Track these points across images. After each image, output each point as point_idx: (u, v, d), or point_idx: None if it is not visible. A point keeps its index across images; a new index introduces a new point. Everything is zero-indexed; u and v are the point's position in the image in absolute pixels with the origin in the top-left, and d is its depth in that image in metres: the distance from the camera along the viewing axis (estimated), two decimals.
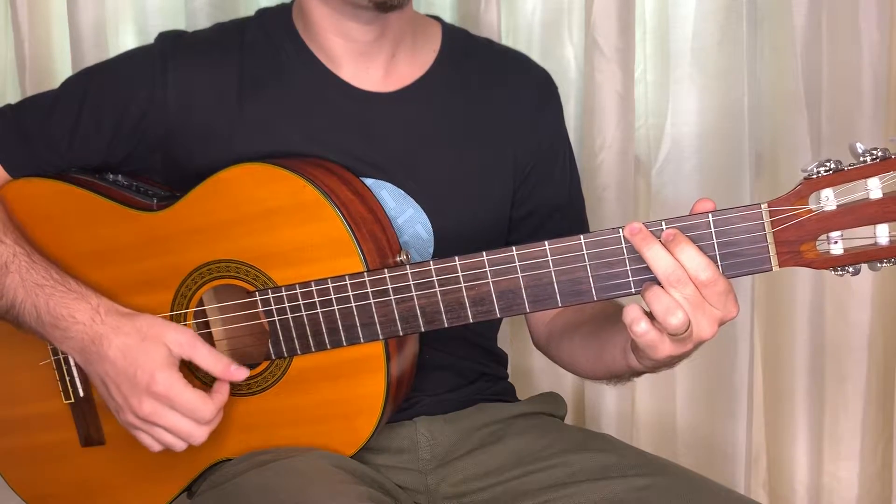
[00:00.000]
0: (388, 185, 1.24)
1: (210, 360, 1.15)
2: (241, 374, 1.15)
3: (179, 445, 1.15)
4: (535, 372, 1.82)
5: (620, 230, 1.03)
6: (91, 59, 1.61)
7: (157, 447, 1.16)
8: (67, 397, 1.26)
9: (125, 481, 1.27)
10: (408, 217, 1.25)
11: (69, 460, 1.29)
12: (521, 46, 1.75)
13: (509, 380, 1.42)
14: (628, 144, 1.73)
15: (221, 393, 1.15)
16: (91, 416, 1.26)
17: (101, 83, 1.27)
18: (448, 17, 1.42)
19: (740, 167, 1.73)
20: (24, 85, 1.73)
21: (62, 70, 1.74)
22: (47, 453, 1.30)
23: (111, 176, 1.27)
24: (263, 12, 1.32)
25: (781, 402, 1.83)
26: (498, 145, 1.31)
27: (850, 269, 1.00)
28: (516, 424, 1.31)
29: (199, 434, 1.14)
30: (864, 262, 1.00)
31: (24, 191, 1.26)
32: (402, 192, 1.25)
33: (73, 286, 1.18)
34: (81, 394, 1.25)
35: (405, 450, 1.27)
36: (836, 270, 1.01)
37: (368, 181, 1.23)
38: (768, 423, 1.87)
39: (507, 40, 1.75)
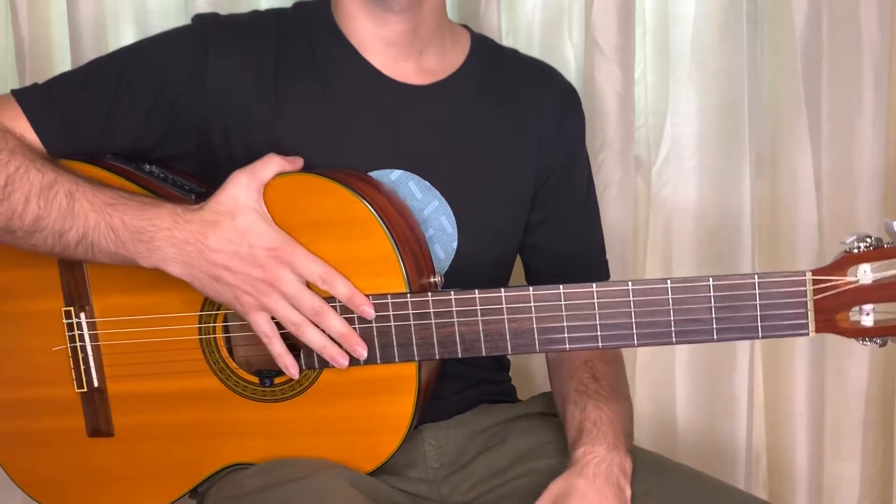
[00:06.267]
0: (416, 176, 1.25)
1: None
2: None
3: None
4: (535, 372, 1.81)
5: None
6: (90, 58, 1.60)
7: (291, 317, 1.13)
8: (80, 386, 1.25)
9: (129, 474, 1.26)
10: (433, 209, 1.26)
11: (72, 448, 1.27)
12: (521, 46, 1.74)
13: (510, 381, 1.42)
14: (628, 144, 1.73)
15: None
16: (102, 407, 1.25)
17: (139, 62, 1.25)
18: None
19: (740, 167, 1.74)
20: (23, 85, 1.72)
21: (61, 69, 1.73)
22: (49, 438, 1.28)
23: (147, 166, 1.25)
24: (300, 4, 1.33)
25: (781, 402, 1.83)
26: (521, 148, 1.32)
27: (878, 341, 1.05)
28: (518, 424, 1.32)
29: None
30: (892, 336, 1.05)
31: None
32: (429, 185, 1.26)
33: (146, 199, 1.16)
34: (96, 384, 1.24)
35: (414, 463, 1.27)
36: (863, 341, 1.06)
37: (396, 172, 1.24)
38: (768, 423, 1.87)
39: (507, 40, 1.75)
